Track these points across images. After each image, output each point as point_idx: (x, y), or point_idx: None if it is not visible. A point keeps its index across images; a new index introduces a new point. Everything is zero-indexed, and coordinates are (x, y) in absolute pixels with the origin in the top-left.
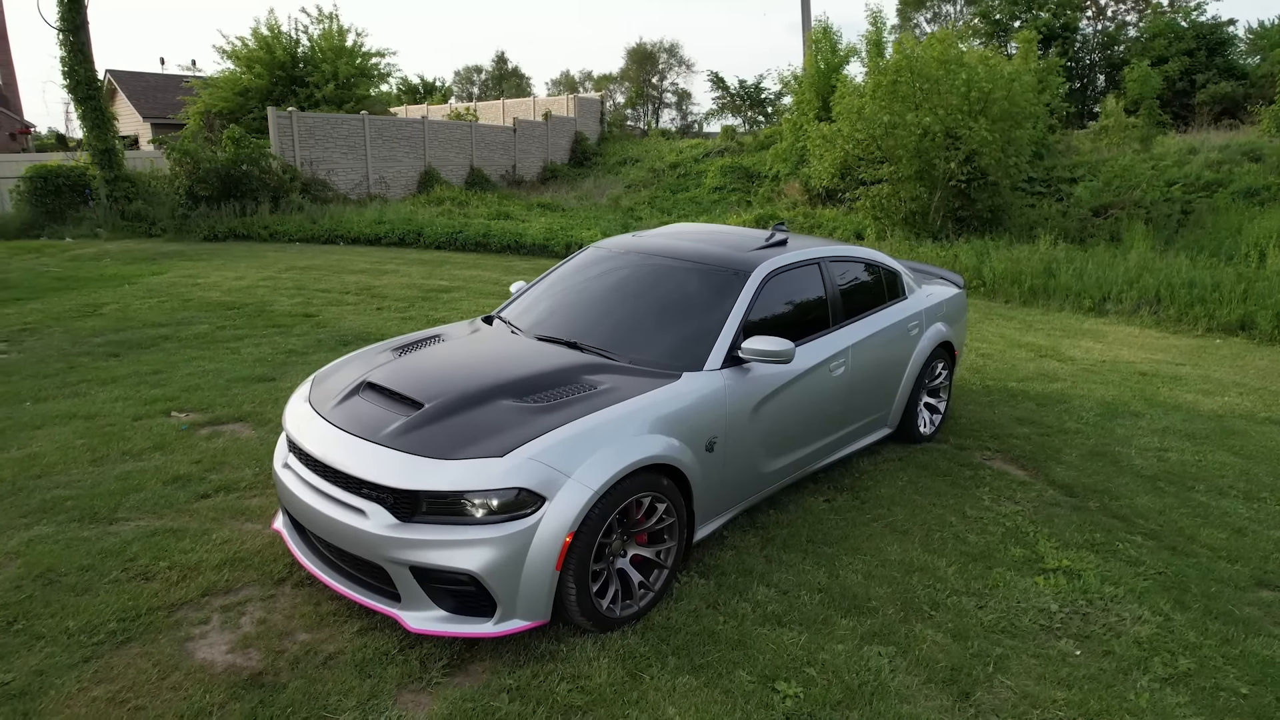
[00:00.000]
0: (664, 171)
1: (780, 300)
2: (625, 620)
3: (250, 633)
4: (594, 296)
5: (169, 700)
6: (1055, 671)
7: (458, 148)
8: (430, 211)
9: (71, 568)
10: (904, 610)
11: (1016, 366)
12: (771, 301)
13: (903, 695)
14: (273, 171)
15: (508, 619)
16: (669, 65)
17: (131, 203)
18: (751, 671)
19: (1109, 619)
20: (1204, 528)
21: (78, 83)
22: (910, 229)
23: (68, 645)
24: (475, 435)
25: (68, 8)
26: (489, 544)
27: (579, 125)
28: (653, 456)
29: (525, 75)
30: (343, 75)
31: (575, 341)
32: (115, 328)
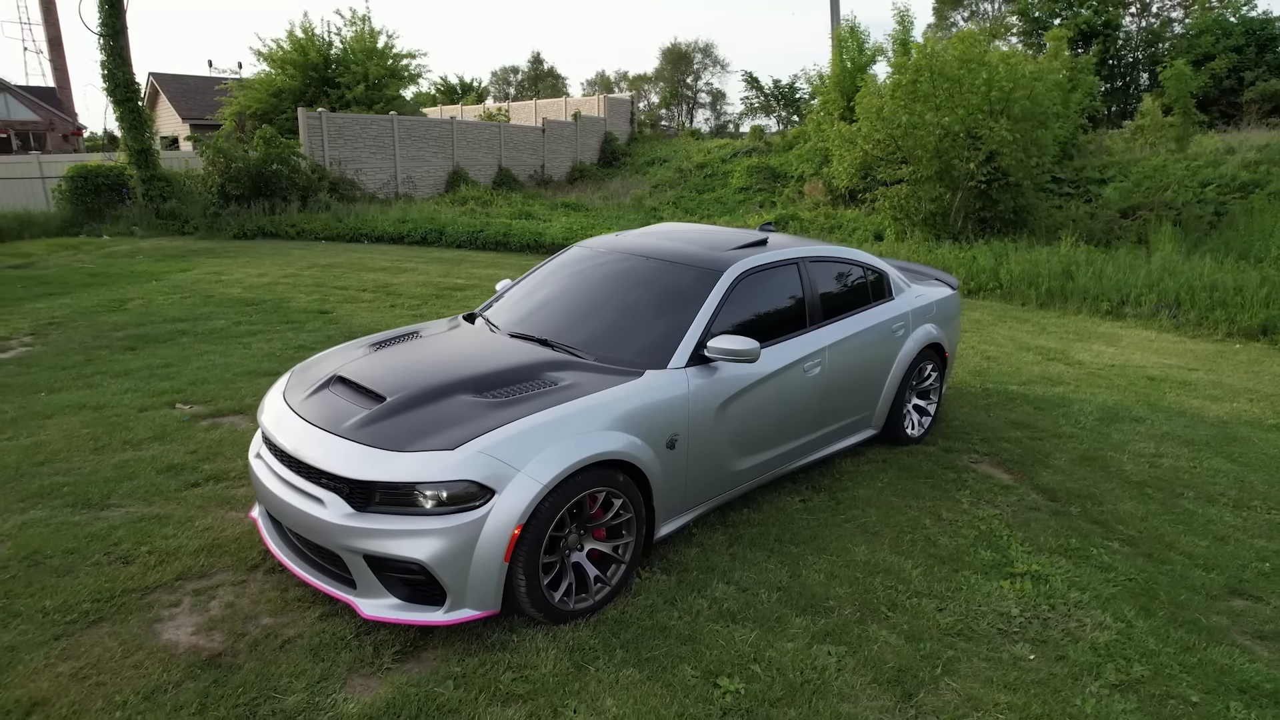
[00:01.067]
0: (691, 172)
1: (754, 300)
2: (579, 613)
3: (216, 616)
4: (571, 295)
5: (129, 678)
6: (1004, 675)
7: (486, 148)
8: (454, 211)
9: (57, 550)
10: (861, 610)
11: (1021, 369)
12: (744, 301)
13: (844, 694)
14: (302, 171)
15: (458, 608)
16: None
17: (166, 201)
18: (696, 666)
19: (1069, 624)
20: (1185, 535)
21: (116, 85)
22: (930, 230)
23: (42, 623)
24: (430, 429)
25: (108, 13)
26: (438, 534)
27: (609, 125)
28: (606, 453)
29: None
30: (373, 76)
31: (546, 339)
32: (137, 322)
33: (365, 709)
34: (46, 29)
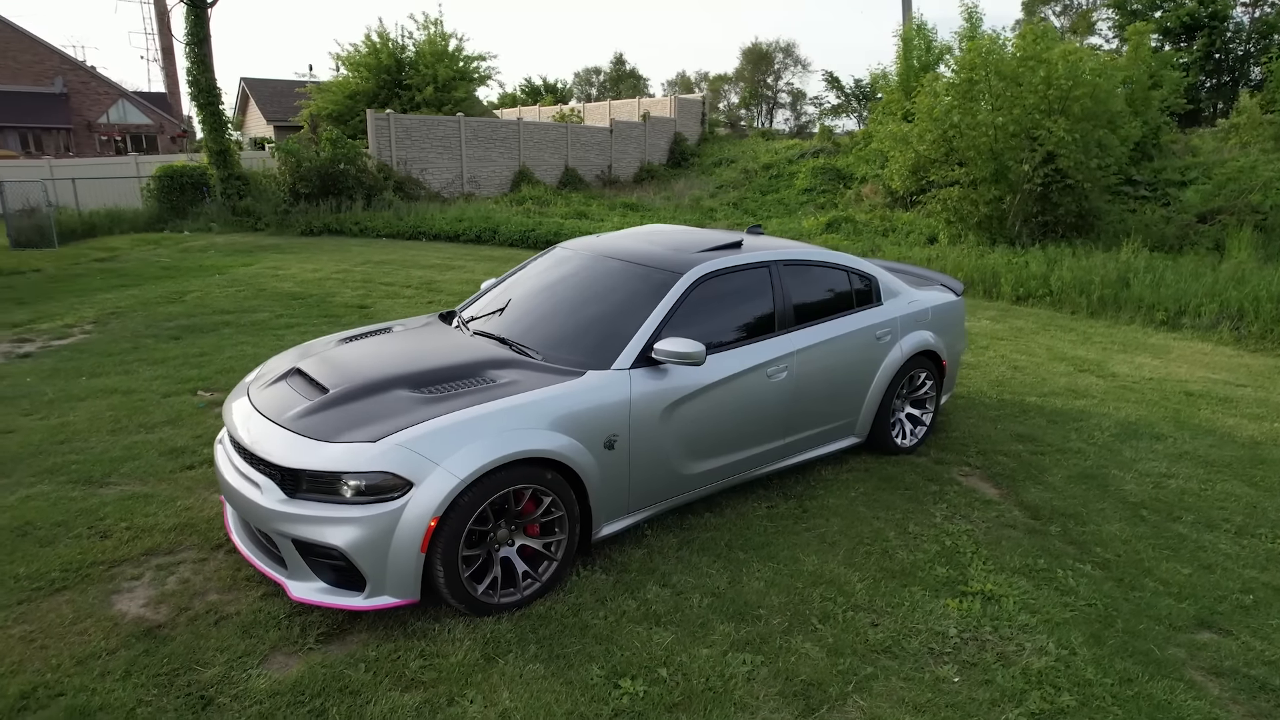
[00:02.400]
0: (756, 173)
1: (717, 303)
2: (505, 607)
3: (169, 590)
4: (540, 294)
5: (71, 643)
6: (919, 696)
7: (553, 148)
8: (510, 210)
9: (47, 522)
10: (790, 621)
11: (1046, 380)
12: (706, 304)
13: (744, 704)
14: (368, 170)
15: (378, 595)
16: (784, 65)
17: (242, 199)
18: (604, 666)
19: (1006, 648)
20: (1167, 561)
21: (199, 90)
22: (984, 234)
23: (11, 589)
24: (361, 422)
25: (193, 23)
26: (357, 523)
27: (679, 126)
28: (529, 450)
29: (642, 76)
30: (442, 78)
31: (505, 338)
32: (188, 314)
33: (274, 686)
34: (160, 39)
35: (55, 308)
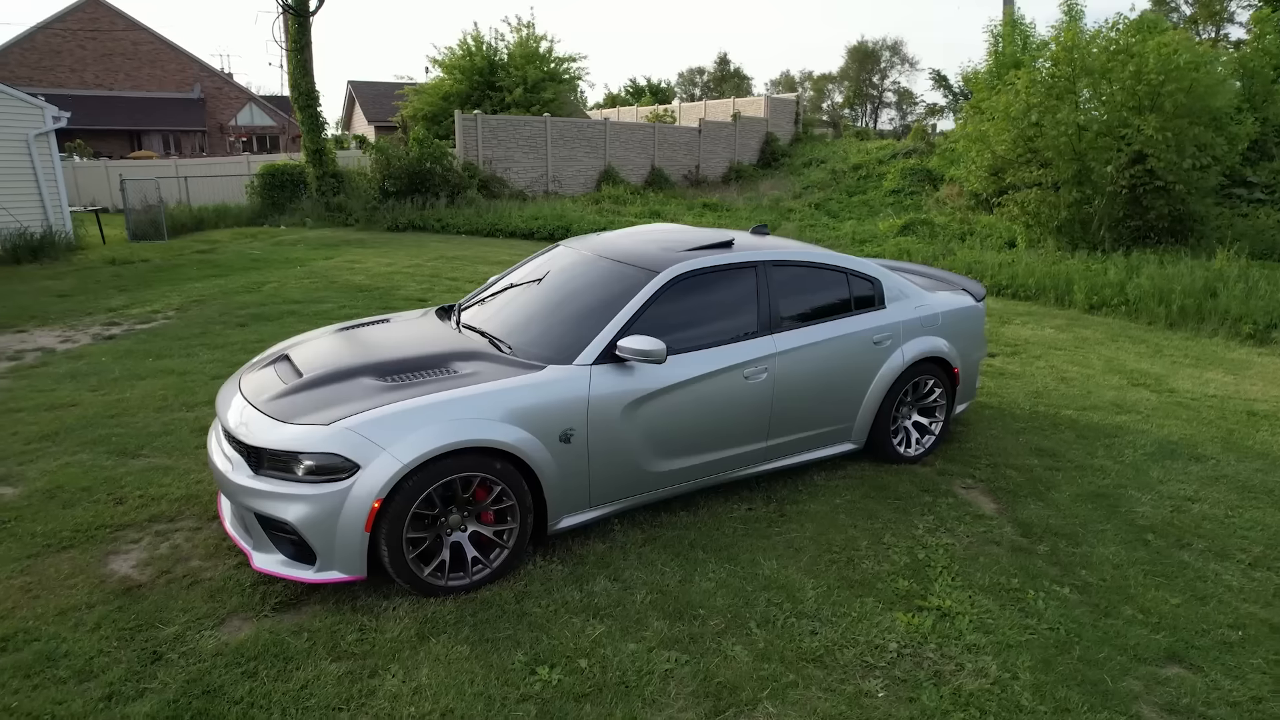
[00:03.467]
0: (844, 173)
1: (694, 302)
2: (453, 590)
3: (159, 554)
4: (530, 290)
5: (59, 595)
6: (832, 708)
7: (639, 148)
8: (586, 209)
9: (75, 487)
10: (728, 623)
11: (1092, 393)
12: (682, 303)
13: (652, 700)
14: (453, 169)
15: (327, 569)
16: (890, 63)
17: (336, 196)
18: (528, 653)
19: (945, 667)
20: (1157, 589)
21: (299, 94)
22: (1065, 238)
23: (26, 544)
24: (322, 405)
25: (295, 30)
26: (308, 500)
27: (771, 126)
28: (475, 440)
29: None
30: (531, 80)
31: (487, 332)
32: (261, 303)
33: (220, 646)
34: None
35: (150, 295)
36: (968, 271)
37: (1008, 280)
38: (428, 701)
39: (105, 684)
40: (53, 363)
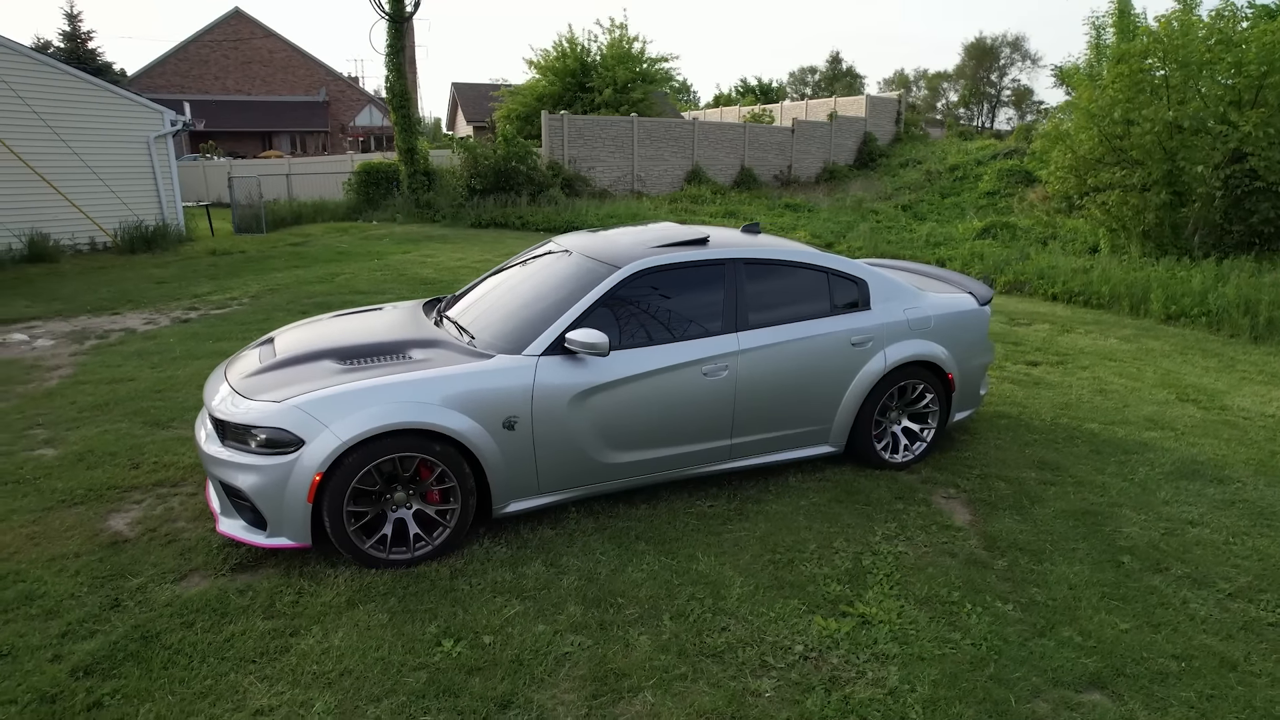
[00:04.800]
0: (940, 174)
1: (656, 298)
2: (394, 563)
3: (153, 515)
4: (511, 285)
5: (55, 543)
6: (712, 703)
7: (729, 148)
8: (662, 207)
9: (103, 451)
10: (643, 614)
11: (1129, 407)
12: (643, 298)
13: (541, 680)
14: (538, 168)
15: (276, 535)
16: (1011, 60)
17: (426, 193)
18: (440, 626)
19: (845, 674)
20: (1109, 613)
21: (394, 95)
22: (1153, 244)
23: (45, 498)
24: (282, 385)
25: (393, 36)
26: (258, 470)
27: (870, 126)
28: (413, 422)
29: (859, 75)
30: (621, 80)
31: (459, 323)
32: (329, 293)
33: (172, 599)
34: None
35: (234, 283)
36: (1039, 278)
37: (1080, 287)
38: (331, 661)
39: (65, 623)
40: (129, 342)
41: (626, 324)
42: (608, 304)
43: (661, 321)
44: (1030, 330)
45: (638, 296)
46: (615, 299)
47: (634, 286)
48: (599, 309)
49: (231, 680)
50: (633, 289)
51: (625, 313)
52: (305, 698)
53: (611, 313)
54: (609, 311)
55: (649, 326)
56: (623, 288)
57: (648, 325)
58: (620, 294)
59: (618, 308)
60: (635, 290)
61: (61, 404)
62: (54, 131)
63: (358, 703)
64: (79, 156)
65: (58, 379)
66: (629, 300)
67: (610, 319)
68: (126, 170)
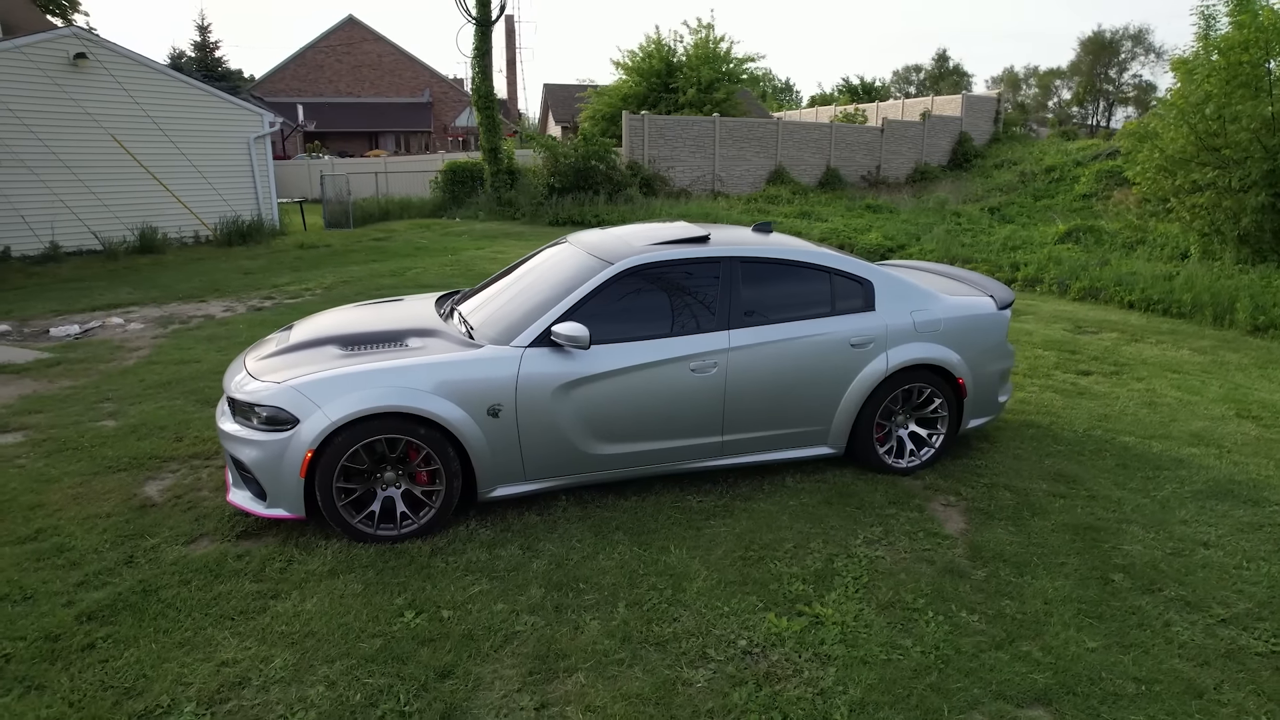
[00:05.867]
0: (1035, 176)
1: (648, 293)
2: (380, 539)
3: (183, 483)
4: (519, 279)
5: (93, 503)
6: (642, 688)
7: (814, 148)
8: (735, 207)
9: (154, 425)
10: (601, 600)
11: (1175, 422)
12: (635, 294)
13: (485, 655)
14: (617, 167)
15: (275, 506)
16: (1132, 54)
17: (508, 191)
18: (407, 599)
19: (781, 671)
20: (1079, 631)
21: (480, 96)
22: (1249, 249)
23: (95, 463)
24: (287, 368)
25: (479, 39)
26: (259, 445)
27: (965, 125)
28: (397, 406)
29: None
30: (704, 80)
31: (464, 315)
32: (396, 285)
33: (178, 559)
34: (506, 51)
35: (312, 275)
36: (1116, 285)
37: (1160, 295)
38: (300, 623)
39: (84, 573)
40: (205, 327)
41: (616, 318)
42: (599, 299)
43: (652, 317)
44: (1094, 339)
45: (630, 292)
46: (607, 294)
47: (627, 282)
48: (590, 304)
49: (208, 634)
50: (625, 285)
51: (616, 307)
52: (268, 654)
53: (603, 307)
54: (601, 306)
55: (639, 322)
56: (614, 283)
57: (638, 320)
58: (612, 289)
59: (609, 303)
60: (628, 286)
61: (131, 381)
62: (164, 133)
63: (313, 662)
64: (185, 156)
65: (135, 359)
66: (621, 295)
67: (601, 313)
68: (227, 168)
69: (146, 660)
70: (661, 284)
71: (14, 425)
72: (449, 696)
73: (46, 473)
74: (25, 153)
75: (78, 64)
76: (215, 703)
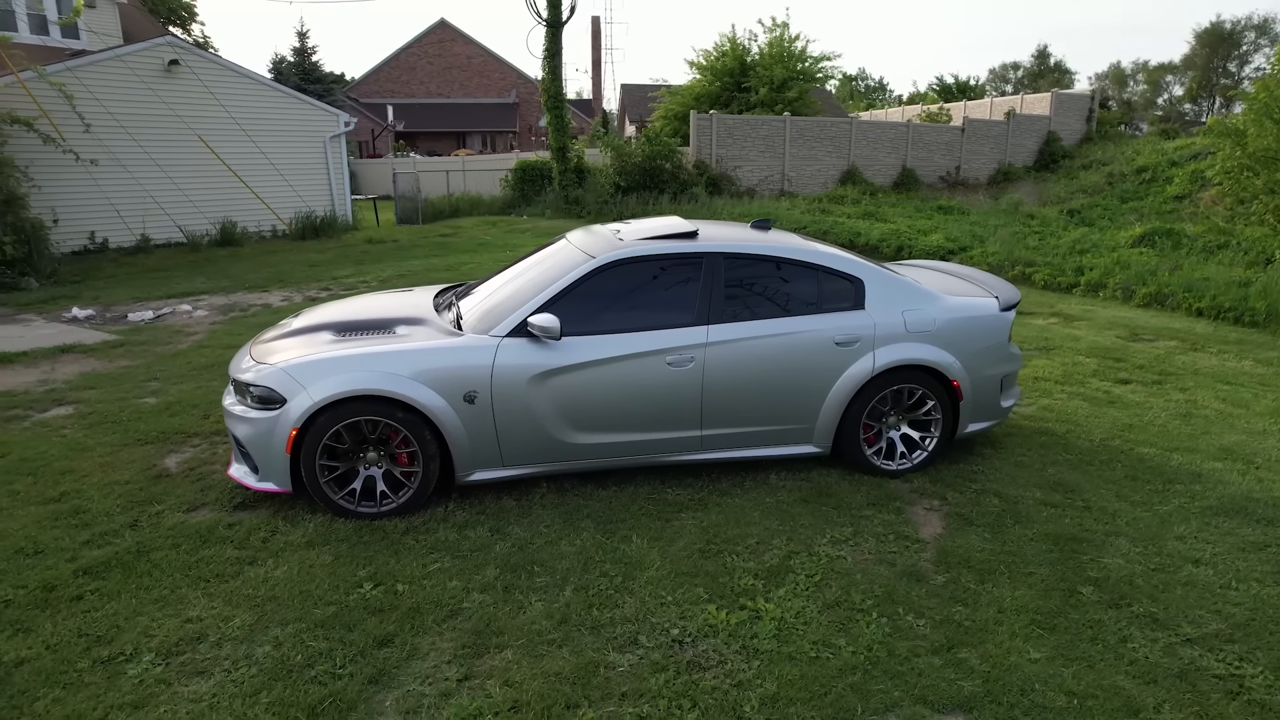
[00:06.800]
0: (1125, 177)
1: (629, 287)
2: (361, 515)
3: (199, 457)
4: (515, 272)
5: (116, 471)
6: (565, 666)
7: (889, 148)
8: (798, 207)
9: (187, 404)
10: (552, 583)
11: (1208, 435)
12: (616, 287)
13: (426, 628)
14: (683, 166)
15: (265, 480)
16: (1255, 46)
17: (575, 190)
18: (370, 572)
19: (706, 660)
20: (1025, 641)
21: (549, 96)
22: None
23: (127, 435)
24: (283, 351)
25: (550, 40)
26: (251, 422)
27: (1055, 124)
28: (374, 389)
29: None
30: (777, 79)
31: (458, 306)
32: (450, 279)
33: (176, 524)
34: (592, 52)
35: (373, 268)
36: (1185, 291)
37: (1232, 302)
38: (266, 588)
39: (91, 533)
40: (260, 315)
41: (597, 311)
42: (580, 292)
43: (632, 311)
44: (1147, 347)
45: (612, 285)
46: (587, 287)
47: (608, 276)
48: (569, 296)
49: (182, 593)
50: (607, 278)
51: (597, 301)
52: (230, 614)
53: (584, 300)
54: (582, 299)
55: (618, 315)
56: (595, 277)
57: (617, 313)
58: (592, 283)
59: (590, 296)
60: (609, 280)
61: (180, 363)
62: (245, 133)
63: (268, 624)
64: (264, 154)
65: (189, 343)
66: (602, 289)
67: (583, 306)
68: (304, 166)
69: (122, 613)
70: (642, 278)
71: (69, 399)
72: (382, 663)
73: (83, 442)
74: (121, 152)
75: (171, 70)
76: (172, 654)
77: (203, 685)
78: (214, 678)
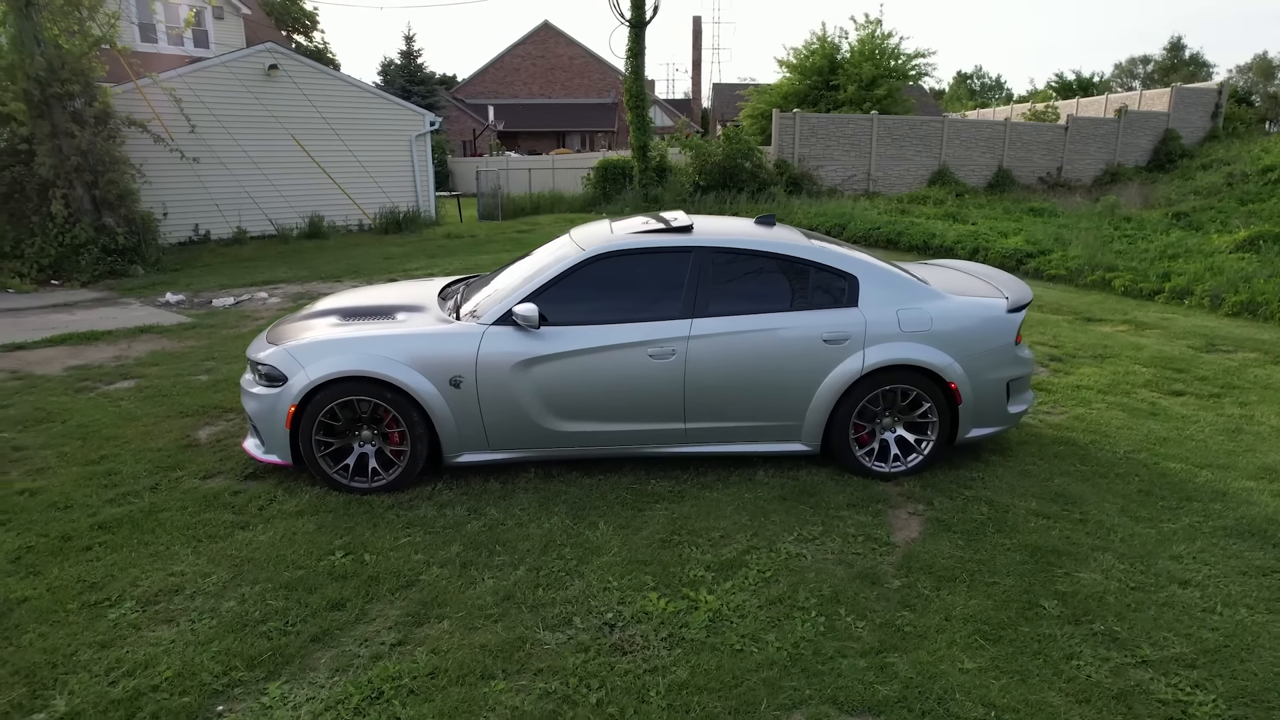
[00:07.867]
0: (1248, 177)
1: (617, 279)
2: (353, 490)
3: (229, 430)
4: (519, 266)
5: (154, 439)
6: (494, 639)
7: (984, 148)
8: (875, 208)
9: (231, 382)
10: (508, 562)
11: (1251, 452)
12: (604, 279)
13: (382, 596)
14: (763, 165)
15: (270, 453)
16: None
17: (655, 188)
18: (345, 542)
19: (630, 645)
20: (965, 651)
21: (631, 96)
22: None
23: (173, 408)
24: (292, 333)
25: (632, 40)
26: (259, 399)
27: (1174, 121)
28: (363, 370)
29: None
30: (866, 78)
31: (460, 295)
32: None
33: (190, 488)
34: (693, 52)
35: (444, 262)
36: None
37: None
38: (248, 551)
39: (116, 493)
40: None
41: (584, 302)
42: (568, 283)
43: (618, 302)
44: (1221, 358)
45: (601, 277)
46: (576, 279)
47: (597, 268)
48: (557, 287)
49: (175, 550)
50: (596, 270)
51: (586, 292)
52: (209, 570)
53: (573, 291)
54: (571, 290)
55: (605, 306)
56: (583, 268)
57: (604, 304)
58: (581, 274)
59: (579, 287)
60: (598, 271)
61: (237, 345)
62: (335, 132)
63: (240, 583)
64: (352, 153)
65: (252, 327)
66: (591, 280)
67: (571, 297)
68: (390, 164)
69: (119, 564)
70: (630, 271)
71: (134, 374)
72: (329, 624)
73: (133, 412)
74: (221, 150)
75: (270, 74)
76: (150, 603)
77: (166, 632)
78: (178, 626)
